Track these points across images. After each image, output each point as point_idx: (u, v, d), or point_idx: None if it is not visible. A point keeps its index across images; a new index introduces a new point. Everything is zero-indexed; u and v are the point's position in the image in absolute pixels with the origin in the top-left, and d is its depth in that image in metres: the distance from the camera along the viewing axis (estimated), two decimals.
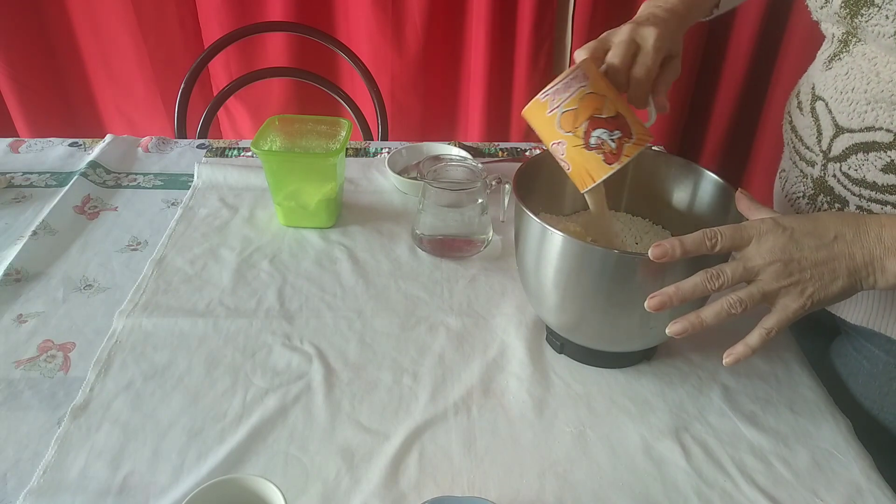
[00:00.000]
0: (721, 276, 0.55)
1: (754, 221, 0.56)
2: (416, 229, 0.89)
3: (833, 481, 0.61)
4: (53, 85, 1.87)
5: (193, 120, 1.38)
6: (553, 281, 0.66)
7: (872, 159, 0.62)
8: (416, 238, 0.90)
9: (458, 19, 1.77)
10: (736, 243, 0.55)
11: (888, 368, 0.69)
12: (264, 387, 0.68)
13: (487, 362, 0.72)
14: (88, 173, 1.03)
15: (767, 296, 0.55)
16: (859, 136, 0.63)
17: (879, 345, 0.70)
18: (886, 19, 0.57)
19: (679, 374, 0.72)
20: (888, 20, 0.57)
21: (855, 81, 0.63)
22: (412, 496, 0.58)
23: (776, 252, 0.54)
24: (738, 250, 0.56)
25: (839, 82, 0.65)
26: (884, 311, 0.67)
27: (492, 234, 0.91)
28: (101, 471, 0.59)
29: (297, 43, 1.75)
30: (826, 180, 0.67)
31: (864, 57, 0.62)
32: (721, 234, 0.55)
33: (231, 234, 0.92)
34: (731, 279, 0.55)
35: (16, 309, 0.77)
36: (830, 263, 0.54)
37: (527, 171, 0.72)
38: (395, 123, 1.85)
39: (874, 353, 0.70)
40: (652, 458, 0.63)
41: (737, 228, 0.56)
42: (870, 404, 0.71)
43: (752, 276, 0.55)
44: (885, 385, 0.70)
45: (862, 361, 0.72)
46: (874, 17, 0.58)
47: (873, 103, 0.61)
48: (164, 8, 1.77)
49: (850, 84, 0.63)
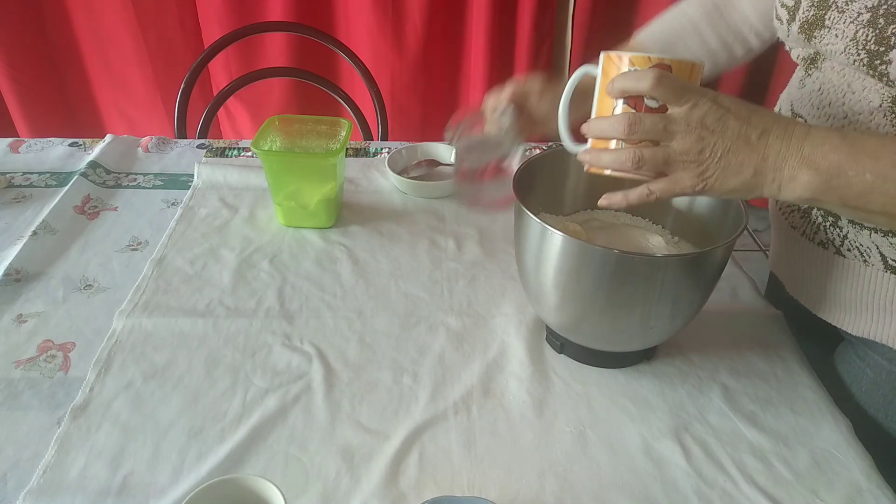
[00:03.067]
0: (637, 125, 0.53)
1: (701, 89, 0.54)
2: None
3: (833, 481, 0.61)
4: (53, 85, 1.87)
5: (193, 120, 1.38)
6: (553, 281, 0.65)
7: None
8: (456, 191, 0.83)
9: (458, 19, 1.77)
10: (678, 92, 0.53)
11: (891, 378, 0.68)
12: (264, 387, 0.68)
13: (487, 362, 0.72)
14: (88, 173, 1.03)
15: (668, 163, 0.54)
16: None
17: (882, 353, 0.69)
18: (836, 38, 0.60)
19: (679, 374, 0.72)
20: (837, 38, 0.60)
21: (830, 96, 0.64)
22: (412, 496, 0.58)
23: (702, 125, 0.52)
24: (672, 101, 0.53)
25: (814, 98, 0.66)
26: (885, 322, 0.67)
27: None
28: (101, 471, 0.59)
29: (297, 43, 1.75)
30: None
31: (833, 71, 0.64)
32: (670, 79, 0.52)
33: (231, 234, 0.92)
34: (648, 131, 0.53)
35: (16, 309, 0.77)
36: (742, 155, 0.52)
37: (527, 171, 0.72)
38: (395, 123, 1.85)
39: (877, 362, 0.70)
40: (652, 458, 0.62)
41: (685, 84, 0.53)
42: (874, 412, 0.71)
43: (667, 139, 0.53)
44: (889, 393, 0.69)
45: (865, 370, 0.71)
46: (825, 37, 0.61)
47: (851, 115, 0.62)
48: (164, 8, 1.78)
49: (826, 99, 0.64)
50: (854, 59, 0.59)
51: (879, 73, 0.57)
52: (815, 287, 0.72)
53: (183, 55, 1.85)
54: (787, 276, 0.78)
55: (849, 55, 0.59)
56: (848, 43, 0.59)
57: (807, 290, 0.74)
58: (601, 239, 0.73)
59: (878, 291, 0.65)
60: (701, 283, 0.66)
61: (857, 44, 0.58)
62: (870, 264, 0.65)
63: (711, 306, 0.69)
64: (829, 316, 0.72)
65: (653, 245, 0.72)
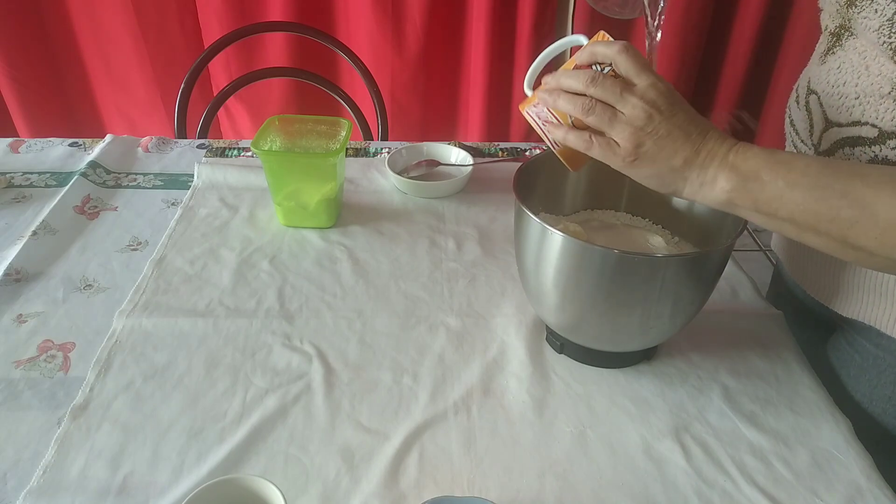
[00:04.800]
0: (599, 80, 0.56)
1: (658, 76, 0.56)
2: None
3: (833, 481, 0.61)
4: (53, 85, 1.87)
5: (193, 120, 1.38)
6: (553, 281, 0.66)
7: (858, 154, 0.63)
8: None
9: (458, 19, 1.77)
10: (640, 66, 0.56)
11: (877, 361, 0.69)
12: (264, 387, 0.68)
13: (487, 362, 0.72)
14: (88, 173, 1.03)
15: (612, 124, 0.56)
16: (846, 131, 0.64)
17: (870, 338, 0.70)
18: (875, 13, 0.59)
19: (679, 374, 0.72)
20: (876, 14, 0.59)
21: (846, 75, 0.64)
22: (412, 496, 0.58)
23: (654, 104, 0.54)
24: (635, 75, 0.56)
25: (832, 76, 0.66)
26: (874, 304, 0.68)
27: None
28: (101, 471, 0.59)
29: (297, 43, 1.75)
30: None
31: (856, 51, 0.64)
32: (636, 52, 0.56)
33: (231, 234, 0.92)
34: (605, 90, 0.55)
35: (16, 309, 0.77)
36: (678, 143, 0.55)
37: (527, 171, 0.72)
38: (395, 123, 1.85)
39: (864, 347, 0.71)
40: (652, 458, 0.63)
41: (647, 65, 0.56)
42: (860, 397, 0.72)
43: (619, 104, 0.55)
44: (874, 378, 0.70)
45: (853, 355, 0.72)
46: (865, 8, 0.61)
47: (862, 97, 0.62)
48: (164, 8, 1.78)
49: (842, 78, 0.65)
50: (884, 40, 0.58)
51: None
52: (812, 268, 0.74)
53: (183, 55, 1.85)
54: (787, 256, 0.80)
55: (881, 34, 0.59)
56: (884, 22, 0.59)
57: (805, 272, 0.76)
58: (601, 239, 0.73)
59: (871, 273, 0.67)
60: (701, 283, 0.66)
61: (892, 25, 0.58)
62: None
63: (711, 306, 0.69)
64: (823, 297, 0.74)
65: (653, 245, 0.72)
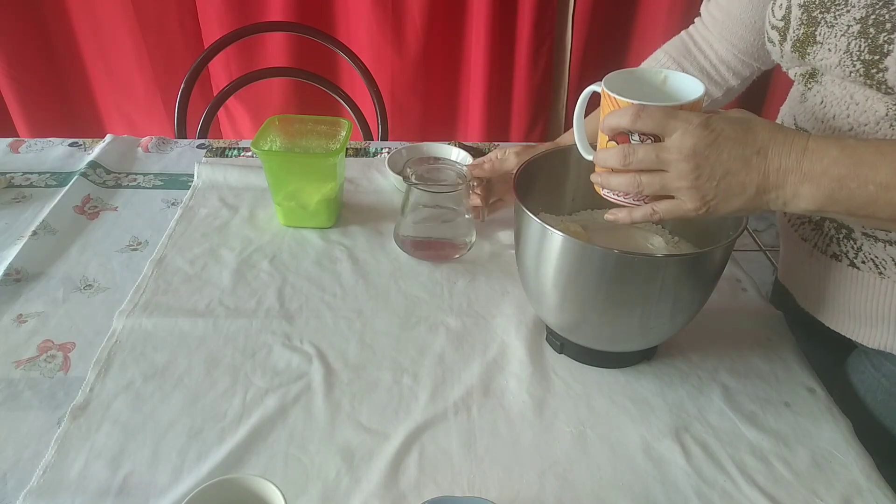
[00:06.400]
0: (630, 156, 0.55)
1: (688, 114, 0.54)
2: (398, 230, 0.89)
3: (833, 481, 0.61)
4: (53, 85, 1.87)
5: (193, 120, 1.38)
6: (553, 281, 0.65)
7: None
8: (398, 239, 0.89)
9: (458, 19, 1.77)
10: (660, 127, 0.54)
11: None
12: (264, 387, 0.68)
13: (487, 362, 0.72)
14: (88, 173, 1.03)
15: (667, 190, 0.55)
16: None
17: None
18: (829, 52, 0.60)
19: (679, 374, 0.72)
20: (830, 52, 0.60)
21: (833, 109, 0.64)
22: (412, 496, 0.58)
23: (691, 153, 0.53)
24: (661, 135, 0.54)
25: (817, 111, 0.66)
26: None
27: (475, 236, 0.90)
28: (101, 471, 0.59)
29: (297, 43, 1.75)
30: None
31: (834, 84, 0.64)
32: (649, 112, 0.54)
33: (231, 234, 0.92)
34: (640, 162, 0.55)
35: (16, 309, 0.77)
36: (741, 176, 0.53)
37: (527, 171, 0.72)
38: (395, 123, 1.85)
39: (893, 372, 0.69)
40: (652, 458, 0.62)
41: (667, 114, 0.54)
42: (891, 423, 0.70)
43: (662, 167, 0.54)
44: None
45: (881, 380, 0.70)
46: (819, 52, 0.61)
47: (856, 127, 0.62)
48: (164, 8, 1.78)
49: (830, 112, 0.64)
50: (850, 70, 0.59)
51: (877, 81, 0.57)
52: (828, 299, 0.71)
53: (183, 55, 1.85)
54: (798, 288, 0.77)
55: (844, 68, 0.59)
56: (842, 56, 0.59)
57: (819, 303, 0.73)
58: (601, 239, 0.73)
59: (895, 303, 0.65)
60: (701, 283, 0.66)
61: (850, 56, 0.58)
62: (885, 276, 0.64)
63: (711, 306, 0.69)
64: (844, 328, 0.71)
65: (653, 245, 0.72)
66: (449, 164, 0.88)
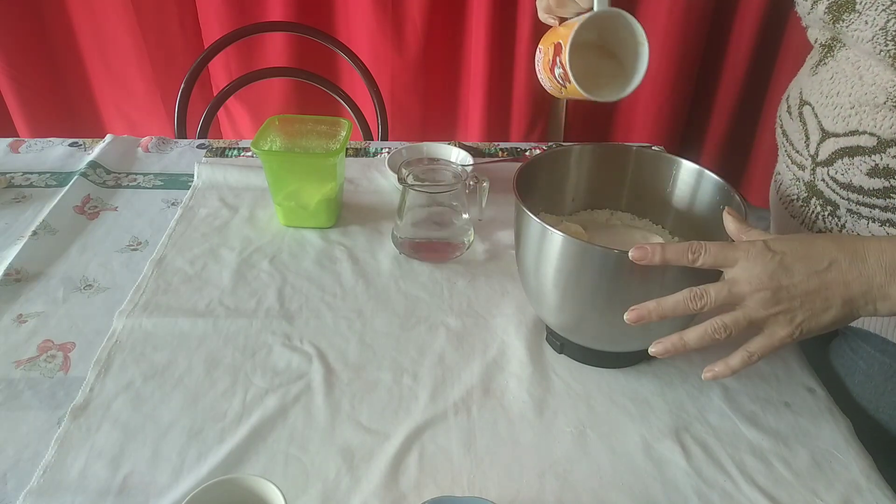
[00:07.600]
0: (704, 297, 0.54)
1: (744, 243, 0.55)
2: (396, 232, 0.89)
3: (833, 481, 0.61)
4: (53, 85, 1.87)
5: (193, 120, 1.38)
6: (553, 281, 0.66)
7: (858, 163, 0.62)
8: (396, 241, 0.89)
9: (458, 19, 1.77)
10: (720, 261, 0.54)
11: (883, 368, 0.69)
12: (264, 387, 0.68)
13: (487, 362, 0.72)
14: (88, 173, 1.03)
15: (754, 322, 0.53)
16: (844, 141, 0.63)
17: (875, 345, 0.70)
18: (865, 24, 0.59)
19: (679, 374, 0.72)
20: (867, 25, 0.58)
21: (839, 86, 0.64)
22: (412, 496, 0.58)
23: (764, 279, 0.52)
24: (722, 269, 0.54)
25: (825, 87, 0.66)
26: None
27: (473, 236, 0.90)
28: (101, 471, 0.59)
29: (297, 43, 1.74)
30: (816, 184, 0.68)
31: (848, 61, 0.63)
32: (706, 249, 0.54)
33: (231, 234, 0.92)
34: (715, 301, 0.54)
35: (16, 309, 0.77)
36: (823, 292, 0.52)
37: (527, 171, 0.72)
38: (395, 123, 1.85)
39: (870, 354, 0.70)
40: (652, 458, 0.62)
41: (724, 247, 0.54)
42: (866, 404, 0.71)
43: (738, 301, 0.54)
44: (880, 385, 0.70)
45: (858, 362, 0.72)
46: (854, 22, 0.60)
47: (857, 107, 0.62)
48: (164, 8, 1.77)
49: (835, 88, 0.64)
50: (881, 49, 0.57)
51: None
52: None
53: (183, 55, 1.84)
54: None
55: (876, 44, 0.58)
56: (877, 32, 0.57)
57: None
58: (601, 239, 0.73)
59: None
60: (701, 283, 0.66)
61: (886, 34, 0.57)
62: None
63: None
64: None
65: None
66: (444, 164, 0.88)
